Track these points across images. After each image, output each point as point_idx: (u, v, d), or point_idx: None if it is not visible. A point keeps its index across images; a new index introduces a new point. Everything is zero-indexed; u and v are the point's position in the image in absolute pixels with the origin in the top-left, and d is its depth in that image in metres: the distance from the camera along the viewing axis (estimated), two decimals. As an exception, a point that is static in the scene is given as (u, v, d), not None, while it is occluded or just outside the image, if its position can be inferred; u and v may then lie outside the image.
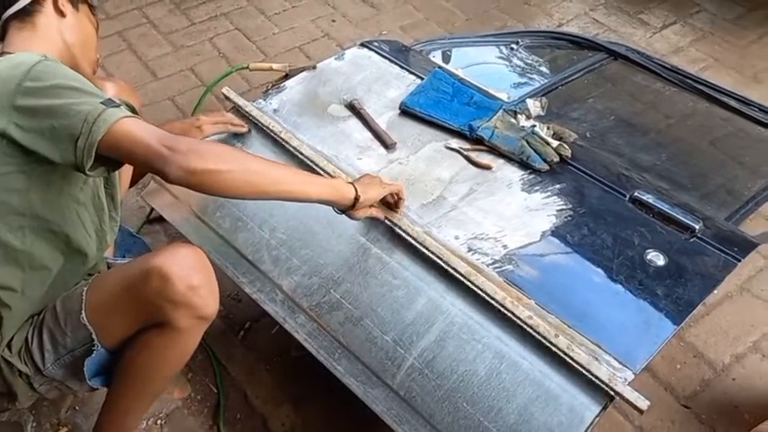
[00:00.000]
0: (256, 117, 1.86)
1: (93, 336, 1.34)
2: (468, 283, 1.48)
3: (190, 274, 1.28)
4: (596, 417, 1.29)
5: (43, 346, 1.36)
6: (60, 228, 1.35)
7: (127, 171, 1.76)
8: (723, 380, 1.84)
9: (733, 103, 2.33)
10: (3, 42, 1.41)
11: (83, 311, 1.35)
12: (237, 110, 1.91)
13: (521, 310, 1.41)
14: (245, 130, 1.85)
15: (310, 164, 1.72)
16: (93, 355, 1.35)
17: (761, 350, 1.90)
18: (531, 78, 2.41)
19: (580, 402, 1.30)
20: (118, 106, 1.22)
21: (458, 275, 1.49)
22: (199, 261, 1.33)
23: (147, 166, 1.20)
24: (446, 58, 2.52)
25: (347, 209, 1.45)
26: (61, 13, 1.43)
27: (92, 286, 1.39)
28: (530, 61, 2.53)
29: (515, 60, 2.53)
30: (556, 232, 1.61)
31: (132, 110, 1.29)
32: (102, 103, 1.20)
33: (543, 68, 2.50)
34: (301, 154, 1.75)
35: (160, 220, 2.24)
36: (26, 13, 1.40)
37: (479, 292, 1.46)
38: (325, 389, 1.74)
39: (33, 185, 1.27)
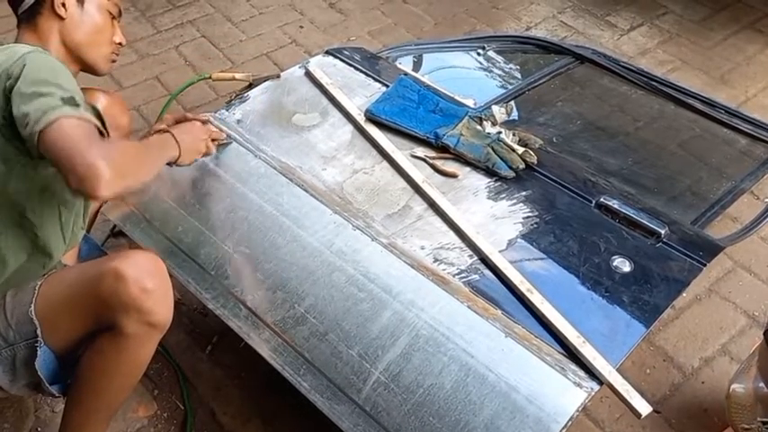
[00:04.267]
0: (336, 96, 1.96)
1: (39, 332, 1.31)
2: (438, 291, 1.48)
3: (144, 278, 1.28)
4: (563, 428, 1.27)
5: None
6: (32, 225, 1.36)
7: None
8: (692, 383, 1.84)
9: (699, 105, 2.35)
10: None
11: (32, 304, 1.33)
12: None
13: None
14: (223, 137, 1.80)
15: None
16: (40, 356, 1.32)
17: (729, 353, 1.90)
18: (497, 83, 2.41)
19: (546, 414, 1.29)
20: (77, 106, 1.21)
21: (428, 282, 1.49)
22: (155, 267, 1.33)
23: (64, 174, 1.17)
24: (413, 65, 2.50)
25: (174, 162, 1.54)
26: (59, 17, 1.46)
27: (46, 281, 1.38)
28: (497, 66, 2.53)
29: (482, 66, 2.53)
30: (522, 240, 1.60)
31: (98, 114, 1.29)
32: (62, 98, 1.20)
33: (510, 73, 2.50)
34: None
35: (124, 234, 2.20)
36: (30, 14, 1.45)
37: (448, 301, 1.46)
38: (295, 404, 1.72)
39: (14, 177, 1.29)
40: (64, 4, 1.46)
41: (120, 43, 1.60)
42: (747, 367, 1.53)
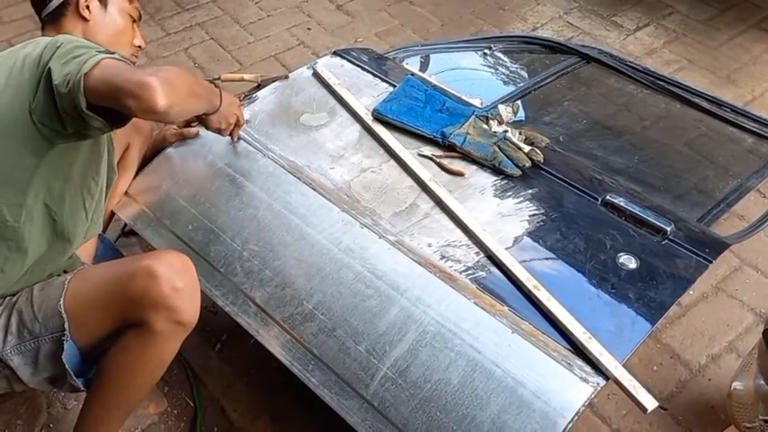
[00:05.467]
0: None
1: (66, 326, 1.33)
2: (445, 288, 1.49)
3: (175, 277, 1.32)
4: (569, 422, 1.28)
5: (8, 328, 1.36)
6: (54, 213, 1.38)
7: (125, 178, 1.81)
8: (699, 381, 1.84)
9: (705, 104, 2.35)
10: None
11: (61, 299, 1.35)
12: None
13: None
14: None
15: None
16: (66, 349, 1.34)
17: (736, 350, 1.91)
18: (504, 83, 2.42)
19: (553, 408, 1.30)
20: (112, 53, 1.26)
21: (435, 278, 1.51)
22: (185, 266, 1.37)
23: (121, 101, 1.20)
24: (420, 65, 2.52)
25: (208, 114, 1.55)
26: (83, 18, 1.50)
27: (76, 276, 1.40)
28: (503, 66, 2.55)
29: (489, 65, 2.54)
30: (529, 237, 1.61)
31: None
32: (97, 51, 1.24)
33: (517, 73, 2.51)
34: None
35: (135, 233, 2.22)
36: (55, 16, 1.50)
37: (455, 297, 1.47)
38: (304, 401, 1.73)
39: (41, 167, 1.31)
40: (88, 7, 1.50)
41: (139, 46, 1.63)
42: (747, 364, 1.53)
